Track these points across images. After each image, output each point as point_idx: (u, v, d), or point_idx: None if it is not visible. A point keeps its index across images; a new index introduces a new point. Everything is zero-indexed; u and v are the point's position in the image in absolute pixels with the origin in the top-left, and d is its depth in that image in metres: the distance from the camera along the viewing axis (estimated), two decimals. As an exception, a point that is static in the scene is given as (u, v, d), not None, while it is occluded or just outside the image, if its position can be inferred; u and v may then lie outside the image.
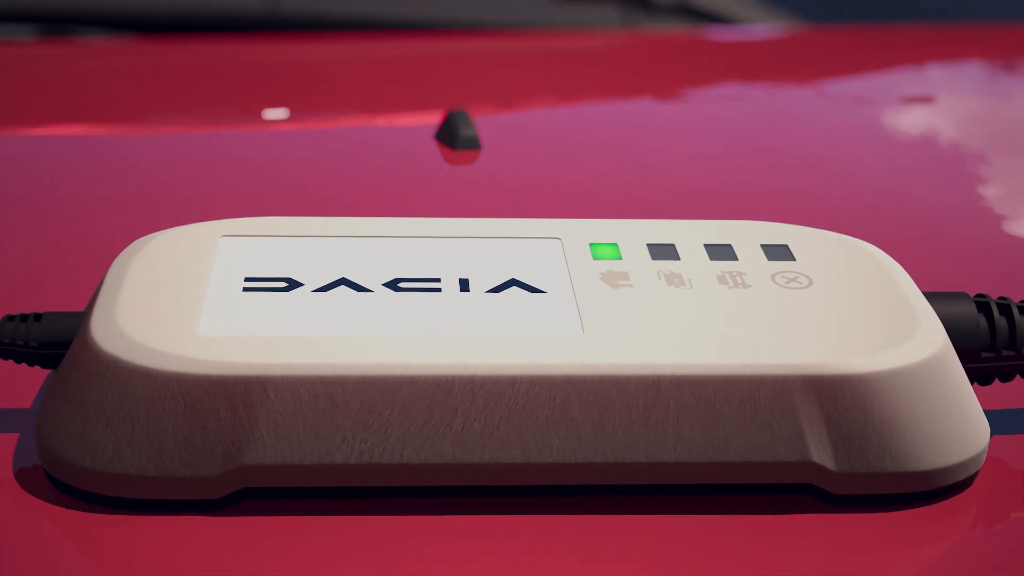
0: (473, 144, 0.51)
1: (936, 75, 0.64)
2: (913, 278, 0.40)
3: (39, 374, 0.33)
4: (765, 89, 0.60)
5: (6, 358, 0.31)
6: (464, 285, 0.31)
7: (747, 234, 0.34)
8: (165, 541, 0.28)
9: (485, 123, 0.54)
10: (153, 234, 0.33)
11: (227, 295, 0.30)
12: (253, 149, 0.50)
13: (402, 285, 0.31)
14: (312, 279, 0.31)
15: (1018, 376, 0.34)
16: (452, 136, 0.51)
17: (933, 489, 0.30)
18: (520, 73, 0.61)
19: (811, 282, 0.32)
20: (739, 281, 0.32)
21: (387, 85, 0.59)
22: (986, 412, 0.33)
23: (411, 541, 0.28)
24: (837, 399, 0.29)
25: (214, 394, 0.28)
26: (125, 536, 0.28)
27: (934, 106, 0.59)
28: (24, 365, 0.33)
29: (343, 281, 0.31)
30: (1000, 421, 0.33)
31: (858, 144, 0.53)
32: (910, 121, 0.57)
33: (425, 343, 0.29)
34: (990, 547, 0.28)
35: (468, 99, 0.57)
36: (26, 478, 0.29)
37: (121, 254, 0.32)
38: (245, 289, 0.31)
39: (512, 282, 0.32)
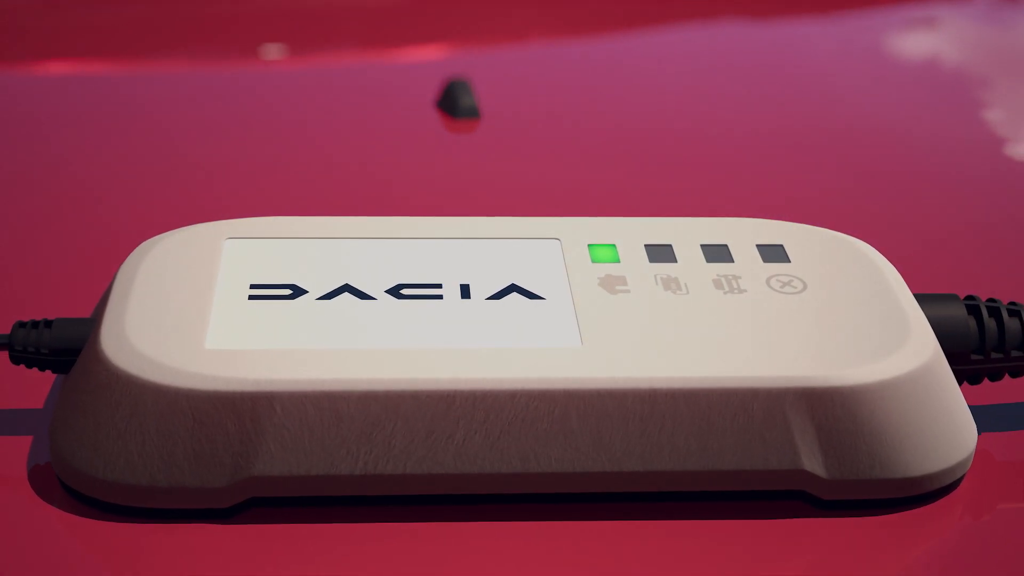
0: (473, 113, 0.51)
1: (937, 35, 0.63)
2: (904, 270, 0.41)
3: (51, 374, 0.34)
4: (774, 38, 0.60)
5: (18, 363, 0.32)
6: (465, 292, 0.32)
7: (743, 233, 0.35)
8: (175, 548, 0.28)
9: (486, 88, 0.54)
10: (158, 237, 0.34)
11: (233, 304, 0.31)
12: (249, 118, 0.51)
13: (404, 292, 0.32)
14: (316, 286, 0.32)
15: (1007, 375, 0.34)
16: (452, 105, 0.51)
17: (922, 493, 0.30)
18: (523, 31, 0.61)
19: (805, 286, 0.33)
20: (734, 286, 0.32)
21: (388, 44, 0.59)
22: (972, 407, 0.34)
23: (414, 546, 0.29)
24: (828, 410, 0.30)
25: (222, 409, 0.29)
26: (136, 542, 0.29)
27: (932, 87, 0.59)
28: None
29: (347, 288, 0.32)
30: (986, 417, 0.34)
31: (857, 127, 0.53)
32: (908, 101, 0.57)
33: (427, 357, 0.29)
34: (978, 547, 0.29)
35: (469, 61, 0.57)
36: (39, 482, 0.30)
37: (128, 259, 0.33)
38: (251, 297, 0.31)
39: (512, 288, 0.32)
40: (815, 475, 0.30)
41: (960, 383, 0.33)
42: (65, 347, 0.31)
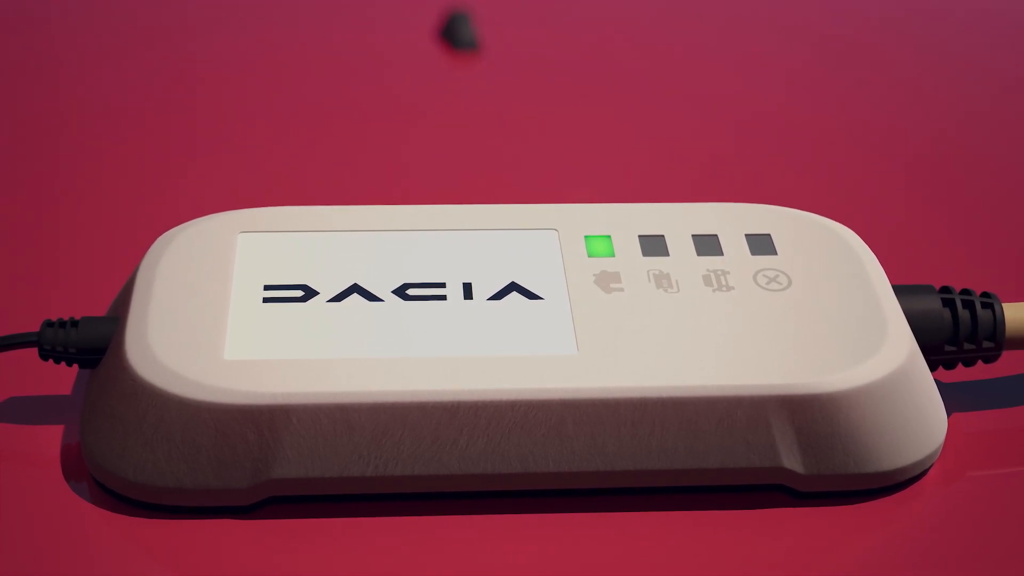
0: (473, 46, 0.52)
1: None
2: (879, 247, 0.42)
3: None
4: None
5: (46, 359, 0.34)
6: (467, 292, 0.34)
7: (733, 221, 0.36)
8: (199, 539, 0.31)
9: (488, 20, 0.55)
10: (173, 232, 0.35)
11: (249, 308, 0.33)
12: (244, 62, 0.52)
13: (410, 292, 0.34)
14: (326, 286, 0.34)
15: (980, 362, 0.36)
16: (453, 37, 0.52)
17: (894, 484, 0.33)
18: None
19: (790, 282, 0.34)
20: (723, 282, 0.34)
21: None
22: (941, 385, 0.36)
23: (421, 538, 0.31)
24: (807, 414, 0.32)
25: (242, 420, 0.31)
26: (162, 533, 0.31)
27: (927, 68, 0.59)
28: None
29: (355, 288, 0.34)
30: (954, 395, 0.36)
31: (849, 108, 0.54)
32: (897, 75, 0.57)
33: (432, 367, 0.32)
34: (950, 526, 0.32)
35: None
36: (70, 471, 0.32)
37: (145, 257, 0.34)
38: (265, 300, 0.33)
39: (512, 287, 0.34)
40: (794, 471, 0.32)
41: (935, 369, 0.35)
42: (91, 346, 0.33)
